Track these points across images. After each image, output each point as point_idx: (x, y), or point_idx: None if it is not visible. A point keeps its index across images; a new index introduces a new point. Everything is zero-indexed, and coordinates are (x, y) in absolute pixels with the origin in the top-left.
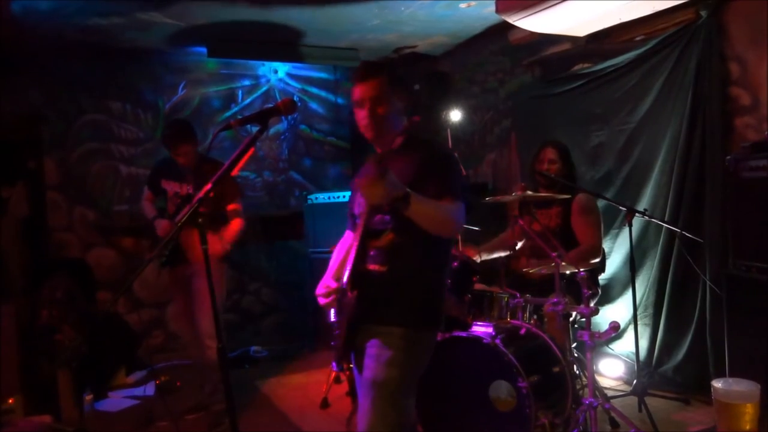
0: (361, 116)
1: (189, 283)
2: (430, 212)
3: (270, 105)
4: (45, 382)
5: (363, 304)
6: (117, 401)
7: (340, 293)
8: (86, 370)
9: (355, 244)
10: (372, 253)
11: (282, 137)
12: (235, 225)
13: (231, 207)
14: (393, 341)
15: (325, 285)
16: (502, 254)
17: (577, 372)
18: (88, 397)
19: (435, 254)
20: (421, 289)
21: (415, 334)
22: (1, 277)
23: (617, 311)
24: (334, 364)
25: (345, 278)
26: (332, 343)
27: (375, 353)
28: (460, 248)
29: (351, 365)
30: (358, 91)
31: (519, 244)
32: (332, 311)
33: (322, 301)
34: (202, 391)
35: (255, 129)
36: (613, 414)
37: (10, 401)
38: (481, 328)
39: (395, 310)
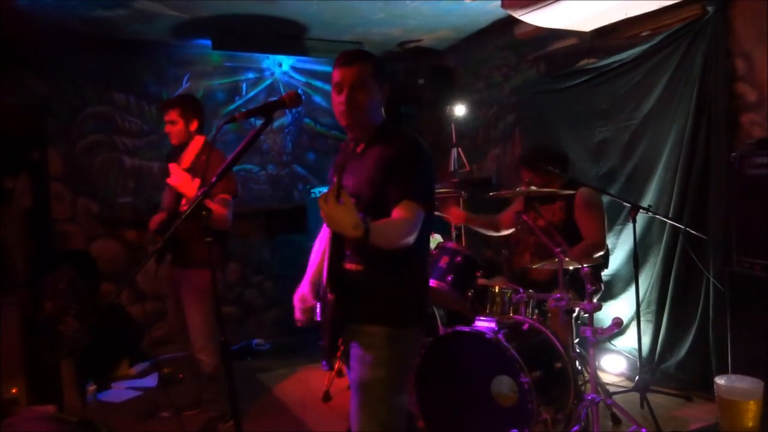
0: (338, 101)
1: (177, 289)
2: (387, 237)
3: (275, 98)
4: (48, 373)
5: (344, 304)
6: (120, 392)
7: (321, 295)
8: (89, 360)
9: (330, 241)
10: (347, 251)
11: (286, 130)
12: (220, 211)
13: (218, 194)
14: (376, 341)
15: (301, 296)
16: (487, 232)
17: (580, 368)
18: (91, 388)
19: (411, 250)
20: (400, 286)
21: (398, 332)
22: (5, 268)
23: (620, 307)
24: (324, 363)
25: (324, 278)
26: (320, 343)
27: (359, 354)
28: (446, 210)
29: (339, 363)
30: (339, 75)
31: (507, 231)
32: (318, 309)
33: (297, 315)
34: (197, 390)
35: (259, 122)
36: (614, 410)
37: (14, 391)
38: (483, 323)
39: (376, 309)
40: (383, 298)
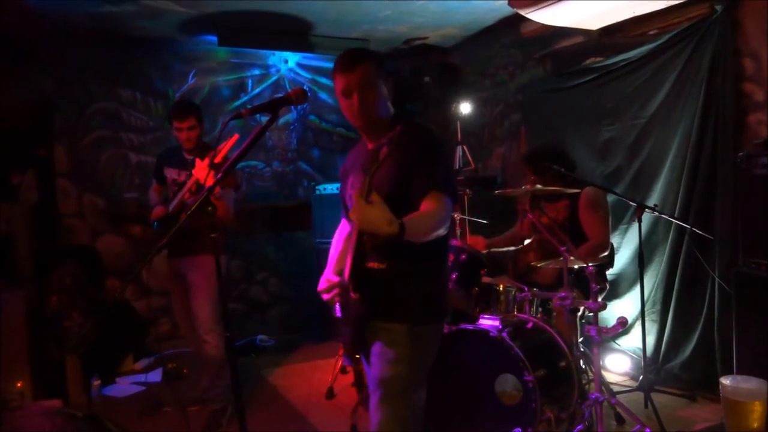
0: (348, 105)
1: (185, 277)
2: (422, 229)
3: (280, 95)
4: (54, 367)
5: (366, 302)
6: (124, 387)
7: (343, 290)
8: (94, 356)
9: (353, 240)
10: (370, 250)
11: (291, 127)
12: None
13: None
14: (397, 338)
15: (327, 280)
16: (510, 248)
17: (584, 367)
18: (96, 383)
19: (433, 248)
20: (422, 284)
21: (419, 329)
22: (11, 263)
23: (625, 307)
24: (346, 359)
25: (346, 276)
26: (341, 340)
27: (380, 351)
28: (468, 239)
29: (341, 360)
30: (344, 81)
31: (528, 241)
32: (337, 306)
33: (325, 297)
34: (200, 386)
35: (265, 118)
36: (618, 409)
37: (19, 385)
38: (488, 322)
39: (398, 307)
40: (405, 295)
